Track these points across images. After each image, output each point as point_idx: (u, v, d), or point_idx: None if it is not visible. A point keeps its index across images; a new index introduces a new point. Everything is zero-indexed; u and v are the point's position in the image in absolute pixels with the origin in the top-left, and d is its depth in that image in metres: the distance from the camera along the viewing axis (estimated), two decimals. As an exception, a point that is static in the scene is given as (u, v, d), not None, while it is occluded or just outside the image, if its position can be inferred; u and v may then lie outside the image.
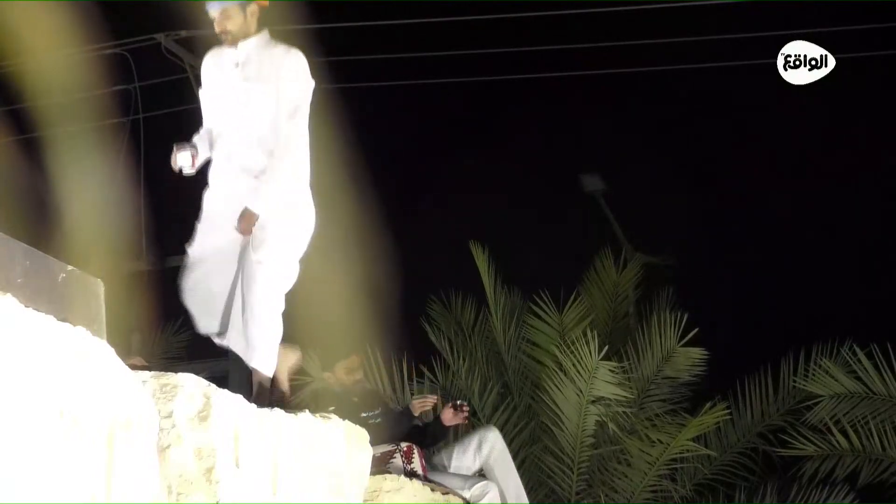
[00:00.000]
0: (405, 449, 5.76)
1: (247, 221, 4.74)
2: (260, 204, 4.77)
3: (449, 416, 6.47)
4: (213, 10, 4.86)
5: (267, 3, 4.99)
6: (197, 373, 3.03)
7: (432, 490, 5.38)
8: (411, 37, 10.86)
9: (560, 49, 10.91)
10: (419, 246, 11.91)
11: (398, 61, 11.31)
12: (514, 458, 9.03)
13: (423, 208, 12.33)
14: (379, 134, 12.70)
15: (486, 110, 13.03)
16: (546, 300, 9.21)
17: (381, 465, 5.42)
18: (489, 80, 11.72)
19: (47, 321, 2.27)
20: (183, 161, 4.88)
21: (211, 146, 4.98)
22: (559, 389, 8.54)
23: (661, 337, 8.98)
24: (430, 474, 6.03)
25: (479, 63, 11.47)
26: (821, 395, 8.76)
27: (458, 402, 6.58)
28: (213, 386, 2.97)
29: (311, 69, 4.92)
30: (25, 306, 2.24)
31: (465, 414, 6.56)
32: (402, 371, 9.22)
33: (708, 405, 8.64)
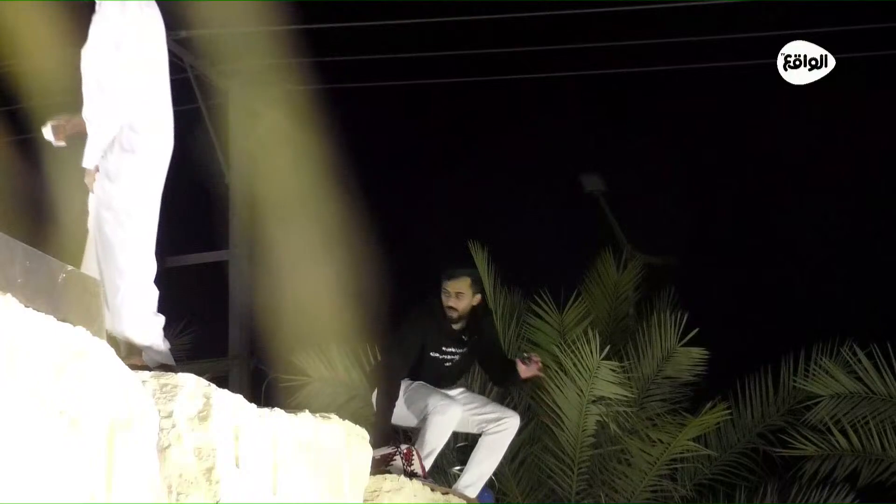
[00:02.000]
0: (405, 451, 5.75)
1: (88, 178, 4.45)
2: (85, 158, 4.43)
3: (524, 370, 6.27)
4: None
5: None
6: (197, 373, 3.02)
7: (432, 490, 5.38)
8: (410, 37, 10.86)
9: (560, 49, 10.92)
10: (419, 245, 11.91)
11: (398, 61, 11.32)
12: (514, 458, 9.06)
13: (423, 208, 12.33)
14: (378, 134, 12.70)
15: (485, 110, 13.02)
16: (546, 300, 9.21)
17: (380, 466, 5.42)
18: (489, 81, 11.72)
19: (47, 321, 2.27)
20: (47, 135, 4.74)
21: None
22: (559, 389, 8.54)
23: (661, 337, 8.98)
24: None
25: (478, 63, 11.48)
26: (821, 395, 8.76)
27: (525, 356, 6.37)
28: (213, 386, 2.97)
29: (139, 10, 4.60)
30: (25, 306, 2.24)
31: (538, 364, 6.28)
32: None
33: (708, 405, 8.64)
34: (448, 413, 5.90)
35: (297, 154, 9.73)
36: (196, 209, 11.79)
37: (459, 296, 6.14)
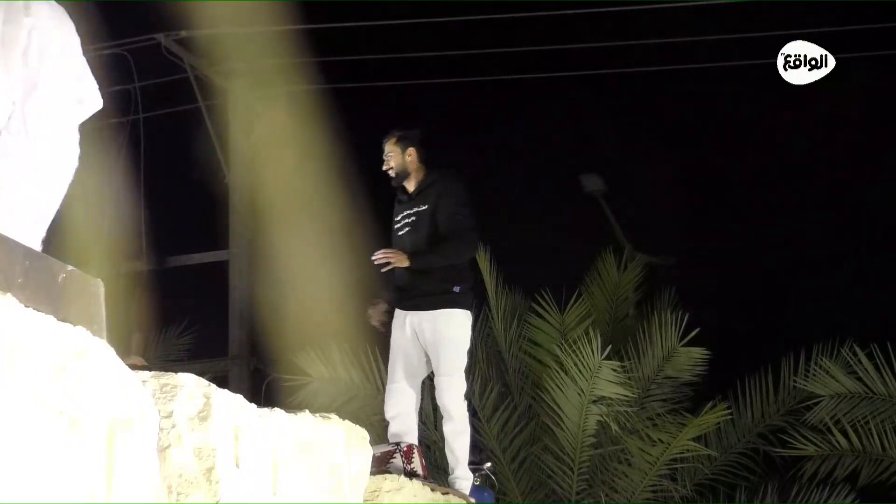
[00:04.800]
0: (405, 449, 5.75)
1: None
2: None
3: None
4: None
5: None
6: (197, 373, 3.02)
7: (432, 490, 5.38)
8: (410, 37, 10.86)
9: (560, 49, 10.91)
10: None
11: (398, 61, 11.32)
12: (514, 458, 9.07)
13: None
14: (378, 134, 12.68)
15: (486, 110, 13.02)
16: (548, 300, 9.22)
17: (381, 465, 5.42)
18: (489, 80, 11.72)
19: (47, 321, 2.27)
20: None
21: None
22: (560, 389, 8.55)
23: (662, 337, 8.99)
24: None
25: (479, 63, 11.47)
26: (821, 395, 8.78)
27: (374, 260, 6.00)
28: (213, 386, 2.97)
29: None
30: (25, 306, 2.24)
31: (379, 258, 5.96)
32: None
33: (708, 405, 8.65)
34: (388, 413, 5.90)
35: (297, 154, 9.73)
36: (196, 209, 11.80)
37: (388, 156, 6.22)
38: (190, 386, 2.88)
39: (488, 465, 6.93)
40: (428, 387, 9.40)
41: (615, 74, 11.34)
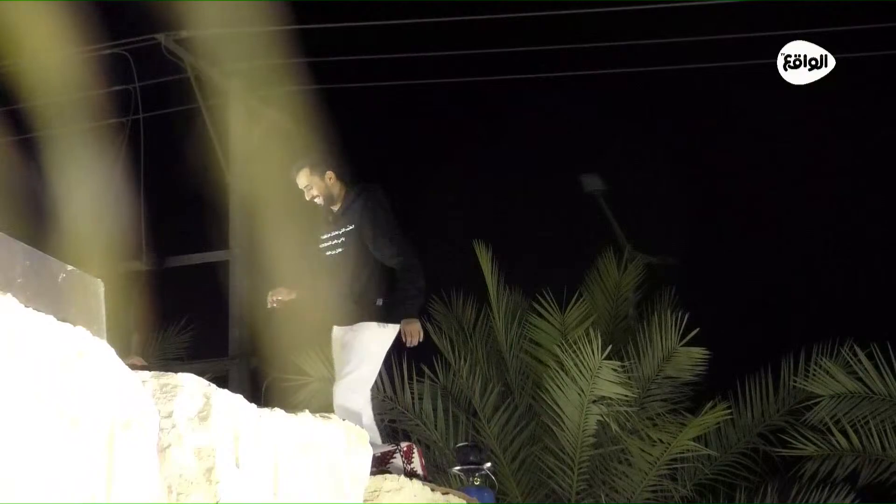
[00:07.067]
0: (405, 449, 5.75)
1: None
2: None
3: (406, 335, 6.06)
4: None
5: None
6: (197, 373, 3.02)
7: (432, 490, 5.38)
8: (410, 37, 10.86)
9: (560, 49, 10.92)
10: (420, 245, 11.89)
11: (398, 61, 11.32)
12: (515, 458, 9.07)
13: (424, 208, 12.34)
14: (378, 134, 12.70)
15: (486, 110, 13.02)
16: (548, 300, 9.22)
17: (381, 465, 5.42)
18: (490, 80, 11.73)
19: (47, 321, 2.27)
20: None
21: None
22: (560, 389, 8.55)
23: (662, 337, 8.99)
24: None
25: (479, 63, 11.48)
26: (821, 395, 8.77)
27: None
28: (213, 386, 2.96)
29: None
30: (25, 306, 2.24)
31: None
32: (402, 370, 9.25)
33: (708, 405, 8.65)
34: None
35: (297, 154, 9.72)
36: (196, 209, 11.80)
37: (308, 188, 6.16)
38: (190, 386, 2.88)
39: (488, 465, 6.92)
40: (429, 386, 9.40)
41: (615, 74, 11.34)
